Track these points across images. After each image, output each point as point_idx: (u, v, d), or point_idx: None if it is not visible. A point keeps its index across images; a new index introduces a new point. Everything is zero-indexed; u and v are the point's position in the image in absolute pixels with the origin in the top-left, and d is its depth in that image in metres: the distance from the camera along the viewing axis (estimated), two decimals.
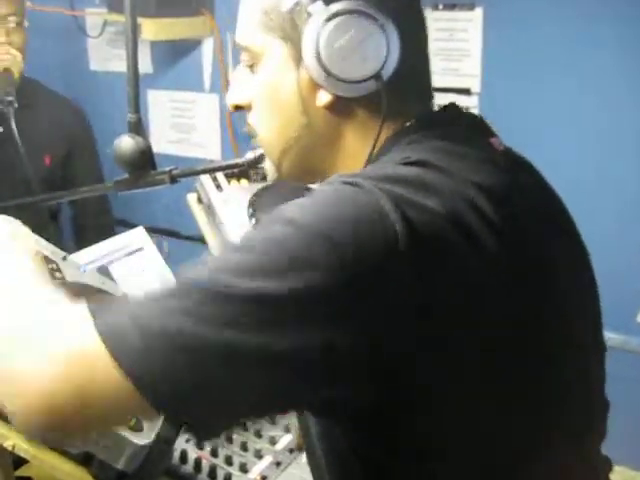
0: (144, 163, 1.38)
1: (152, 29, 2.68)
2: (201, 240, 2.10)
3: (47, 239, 1.49)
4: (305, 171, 1.14)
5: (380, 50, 0.97)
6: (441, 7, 2.46)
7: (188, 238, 3.05)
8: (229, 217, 1.92)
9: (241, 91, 1.12)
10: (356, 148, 1.05)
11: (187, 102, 3.11)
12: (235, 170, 1.97)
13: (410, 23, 1.04)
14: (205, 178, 1.96)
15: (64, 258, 1.53)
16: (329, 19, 0.96)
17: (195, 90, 3.08)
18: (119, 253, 2.00)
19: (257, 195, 1.98)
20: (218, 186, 1.98)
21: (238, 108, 1.13)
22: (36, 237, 1.52)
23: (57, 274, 1.47)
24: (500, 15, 2.38)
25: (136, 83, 1.35)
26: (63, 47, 3.28)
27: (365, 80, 0.98)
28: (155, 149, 3.23)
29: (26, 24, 2.41)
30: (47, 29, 3.16)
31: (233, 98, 1.13)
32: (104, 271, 1.90)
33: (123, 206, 3.09)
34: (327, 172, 1.06)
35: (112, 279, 1.91)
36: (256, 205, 1.95)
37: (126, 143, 1.36)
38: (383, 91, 0.99)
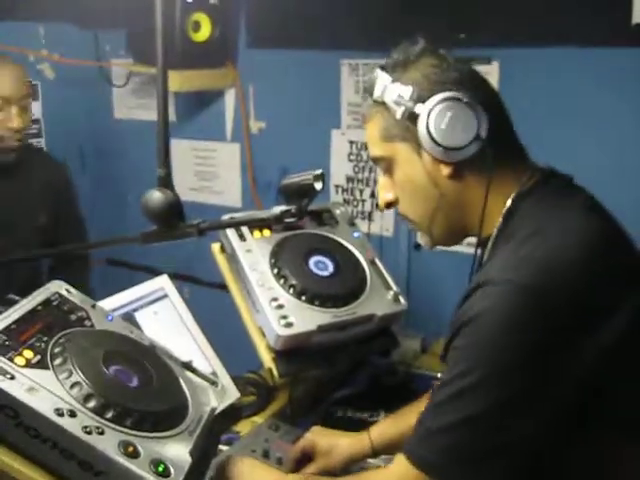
0: (173, 216, 1.43)
1: (177, 80, 2.75)
2: (222, 287, 2.14)
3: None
4: (451, 233, 1.42)
5: (472, 121, 1.28)
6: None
7: (208, 285, 3.09)
8: (251, 266, 1.97)
9: (387, 192, 1.44)
10: (489, 206, 1.32)
11: (209, 151, 3.18)
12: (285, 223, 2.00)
13: (487, 95, 1.34)
14: (229, 229, 2.02)
15: (93, 306, 1.58)
16: (429, 112, 1.28)
17: (217, 139, 3.14)
18: (144, 300, 2.04)
19: (279, 246, 2.03)
20: (241, 236, 2.03)
21: (388, 206, 1.45)
22: (66, 286, 1.57)
23: (86, 322, 1.51)
24: (515, 69, 2.43)
25: (166, 138, 1.41)
26: (90, 97, 3.36)
27: (469, 143, 1.28)
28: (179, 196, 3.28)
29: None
30: (74, 80, 3.26)
31: (384, 199, 1.45)
32: (129, 318, 1.94)
33: (145, 253, 3.15)
34: (468, 230, 1.39)
35: (138, 326, 1.95)
36: (278, 255, 2.00)
37: (156, 197, 1.41)
38: (487, 149, 1.28)
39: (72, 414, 1.24)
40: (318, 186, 1.42)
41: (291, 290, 1.94)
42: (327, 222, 2.18)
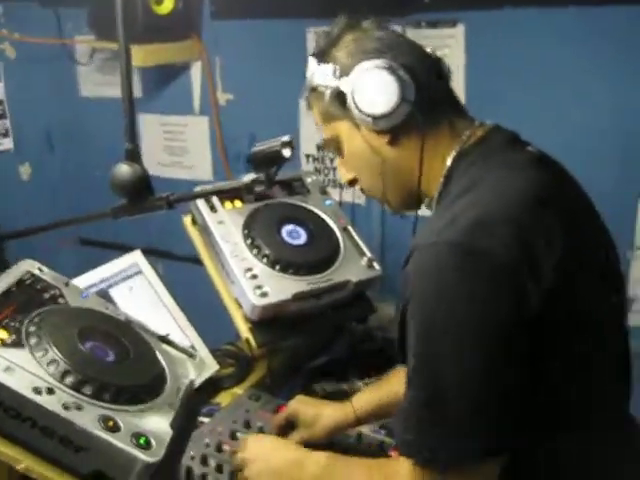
0: (142, 190, 1.42)
1: (140, 55, 2.72)
2: (196, 261, 2.14)
3: None
4: (405, 198, 1.42)
5: (394, 85, 1.27)
6: (424, 25, 2.51)
7: (182, 259, 3.08)
8: (224, 237, 1.96)
9: (344, 172, 1.47)
10: (429, 166, 1.33)
11: (178, 125, 3.16)
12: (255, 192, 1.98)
13: (412, 58, 1.33)
14: (200, 200, 2.01)
15: (66, 284, 1.57)
16: (352, 85, 1.30)
17: (185, 113, 3.12)
18: (118, 277, 2.04)
19: (251, 216, 2.03)
20: (212, 208, 2.02)
21: (351, 183, 1.47)
22: (38, 264, 1.57)
23: (60, 300, 1.51)
24: (482, 31, 2.43)
25: (132, 112, 1.41)
26: (53, 75, 3.32)
27: (395, 108, 1.27)
28: (149, 171, 3.27)
29: None
30: (37, 59, 3.21)
31: (344, 179, 1.48)
32: (104, 295, 1.94)
33: (117, 229, 3.13)
34: (421, 193, 1.37)
35: (113, 302, 1.95)
36: (250, 225, 1.99)
37: (124, 171, 1.40)
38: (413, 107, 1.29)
39: (50, 391, 1.25)
40: (286, 153, 1.42)
41: (265, 260, 1.94)
42: (298, 191, 2.18)
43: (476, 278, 1.12)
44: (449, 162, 1.31)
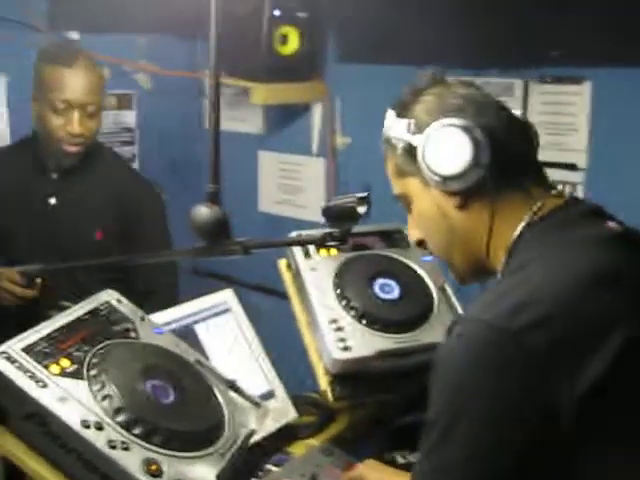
0: (220, 232, 1.41)
1: (262, 94, 2.75)
2: None
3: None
4: (472, 268, 1.33)
5: (468, 147, 1.20)
6: (549, 80, 2.42)
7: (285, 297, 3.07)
8: (314, 284, 1.93)
9: (414, 232, 1.40)
10: (498, 236, 1.24)
11: (294, 164, 3.17)
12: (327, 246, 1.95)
13: (493, 119, 1.25)
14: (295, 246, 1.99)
15: (142, 318, 1.57)
16: (425, 142, 1.23)
17: (303, 153, 3.13)
18: (206, 313, 2.03)
19: (344, 265, 1.98)
20: (307, 254, 1.99)
21: (420, 244, 1.40)
22: (118, 296, 1.58)
23: (131, 334, 1.51)
24: (608, 89, 2.31)
25: (217, 154, 1.40)
26: (182, 107, 3.42)
27: (466, 171, 1.20)
28: (263, 208, 3.31)
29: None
30: (169, 91, 3.32)
31: (412, 238, 1.42)
32: (189, 331, 1.93)
33: (233, 263, 3.16)
34: (489, 262, 1.27)
35: (197, 339, 1.94)
36: (342, 275, 1.95)
37: (203, 213, 1.39)
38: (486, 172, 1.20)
39: (99, 427, 1.24)
40: (361, 210, 1.37)
41: (352, 312, 1.88)
42: (398, 243, 2.12)
43: (504, 372, 1.04)
44: (516, 233, 1.22)
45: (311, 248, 2.00)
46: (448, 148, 1.21)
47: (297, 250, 1.99)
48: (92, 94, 2.35)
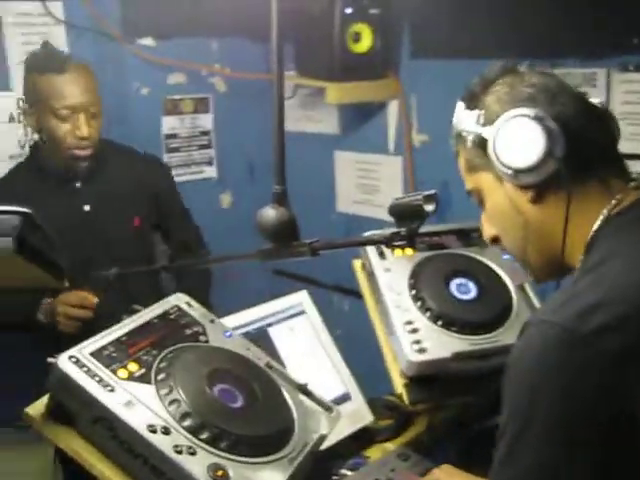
0: (286, 234, 1.38)
1: (336, 93, 2.73)
2: None
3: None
4: (547, 265, 1.28)
5: (542, 138, 1.14)
6: (631, 68, 2.31)
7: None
8: (389, 286, 1.89)
9: (487, 228, 1.36)
10: (575, 231, 1.18)
11: (371, 163, 3.13)
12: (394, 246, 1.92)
13: (568, 108, 1.19)
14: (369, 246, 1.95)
15: (212, 321, 1.57)
16: (496, 134, 1.18)
17: (379, 152, 3.09)
18: (280, 315, 2.01)
19: (420, 265, 1.94)
20: (381, 254, 1.95)
21: (494, 241, 1.36)
22: (187, 299, 1.57)
23: (201, 337, 1.50)
24: None
25: (282, 155, 1.38)
26: (258, 109, 3.41)
27: (540, 163, 1.14)
28: (341, 208, 3.28)
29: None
30: (244, 93, 3.32)
31: (486, 236, 1.38)
32: (263, 333, 1.92)
33: (312, 263, 3.14)
34: (566, 258, 1.21)
35: (270, 342, 1.93)
36: (417, 276, 1.90)
37: (270, 214, 1.37)
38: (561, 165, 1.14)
39: (165, 431, 1.23)
40: (429, 208, 1.32)
41: (428, 313, 1.83)
42: (475, 242, 2.05)
43: (577, 374, 0.99)
44: (594, 228, 1.15)
45: (385, 248, 1.96)
46: (520, 139, 1.16)
47: (371, 250, 1.96)
48: (91, 95, 2.38)
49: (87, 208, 2.47)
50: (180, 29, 3.06)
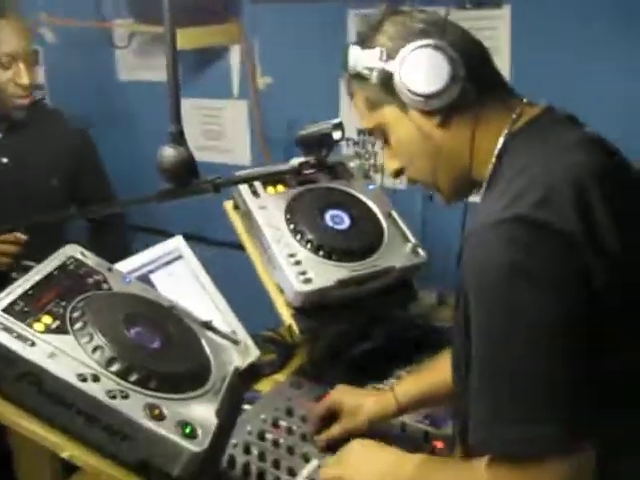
0: (187, 173, 1.39)
1: (180, 38, 2.68)
2: (236, 246, 2.11)
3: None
4: (458, 184, 1.37)
5: (445, 63, 1.24)
6: (468, 6, 2.45)
7: (222, 244, 3.06)
8: (267, 222, 1.93)
9: (392, 162, 1.43)
10: (480, 148, 1.28)
11: (216, 109, 3.13)
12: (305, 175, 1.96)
13: (457, 37, 1.30)
14: (242, 185, 1.98)
15: (109, 269, 1.55)
16: (401, 66, 1.26)
17: (223, 97, 3.09)
18: (159, 262, 2.02)
19: (294, 200, 1.99)
20: (255, 192, 1.99)
21: (397, 174, 1.43)
22: (81, 249, 1.55)
23: (104, 285, 1.49)
24: (528, 12, 2.37)
25: (177, 94, 1.37)
26: (92, 59, 3.30)
27: (447, 86, 1.24)
28: None
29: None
30: (76, 43, 3.20)
31: (390, 169, 1.44)
32: (145, 280, 1.92)
33: (156, 216, 3.12)
34: (473, 175, 1.32)
35: (154, 287, 1.93)
36: (293, 210, 1.96)
37: (169, 154, 1.37)
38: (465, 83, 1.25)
39: (95, 379, 1.22)
40: (337, 135, 1.38)
41: (308, 245, 1.90)
42: (341, 175, 2.14)
43: (548, 257, 1.08)
44: (500, 142, 1.26)
45: (258, 187, 2.00)
46: (425, 68, 1.25)
47: (245, 190, 1.99)
48: (30, 42, 2.33)
49: (5, 160, 2.41)
50: None
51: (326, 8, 2.69)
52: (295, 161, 1.37)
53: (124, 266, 1.87)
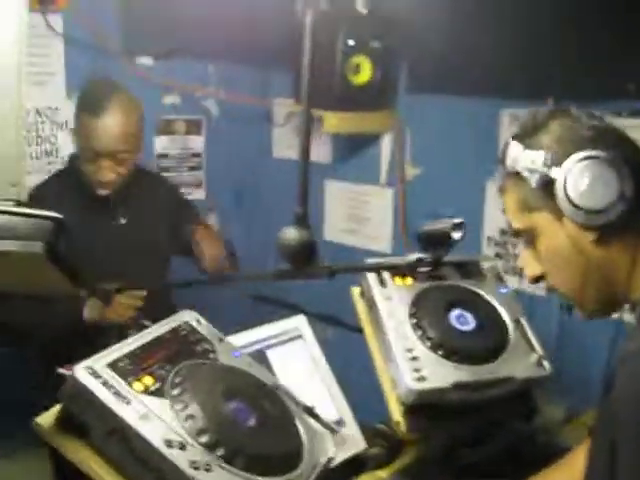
0: (307, 255, 1.39)
1: (334, 122, 2.75)
2: (362, 331, 2.08)
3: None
4: (604, 303, 1.31)
5: (614, 179, 1.19)
6: (624, 114, 2.37)
7: (353, 328, 3.03)
8: (389, 313, 1.90)
9: (533, 267, 1.35)
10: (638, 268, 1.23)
11: (363, 194, 3.15)
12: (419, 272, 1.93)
13: (628, 151, 1.23)
14: (370, 273, 1.96)
15: (220, 340, 1.56)
16: (566, 175, 1.21)
17: (371, 183, 3.11)
18: (278, 339, 2.01)
19: (420, 295, 1.95)
20: (382, 282, 1.96)
21: (537, 280, 1.36)
22: (197, 316, 1.57)
23: (211, 355, 1.50)
24: None
25: (305, 176, 1.39)
26: (251, 134, 3.43)
27: (613, 204, 1.19)
28: (329, 237, 3.30)
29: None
30: (238, 117, 3.34)
31: (531, 275, 1.37)
32: (261, 355, 1.92)
33: (290, 289, 3.14)
34: (621, 298, 1.27)
35: (268, 364, 1.92)
36: (418, 305, 1.92)
37: (291, 235, 1.38)
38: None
39: (182, 447, 1.22)
40: (456, 235, 1.34)
41: (428, 342, 1.85)
42: (473, 275, 2.08)
43: None
44: None
45: (386, 277, 1.97)
46: (593, 181, 1.19)
47: (372, 278, 1.97)
48: (122, 141, 2.35)
49: (122, 221, 2.51)
50: (178, 50, 3.07)
51: (480, 103, 2.67)
52: (413, 256, 1.34)
53: (242, 338, 1.88)
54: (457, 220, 1.36)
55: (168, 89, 3.16)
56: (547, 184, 1.24)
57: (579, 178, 1.20)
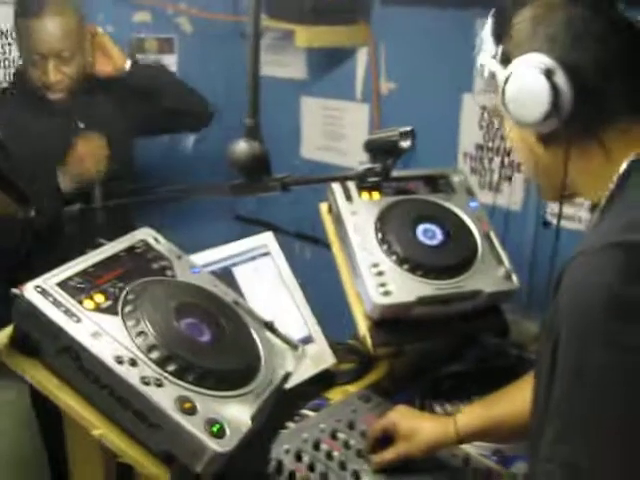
0: (259, 169, 1.37)
1: (306, 36, 2.69)
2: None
3: None
4: (557, 192, 1.24)
5: (546, 95, 1.10)
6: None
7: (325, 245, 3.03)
8: (355, 228, 1.89)
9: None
10: (592, 169, 1.17)
11: (338, 110, 3.10)
12: (368, 182, 1.91)
13: (586, 49, 1.11)
14: (337, 188, 1.94)
15: (179, 257, 1.55)
16: (506, 80, 1.15)
17: (347, 98, 3.06)
18: (245, 256, 2.00)
19: (387, 209, 1.94)
20: (349, 197, 1.95)
21: None
22: (154, 234, 1.55)
23: (168, 272, 1.49)
24: None
25: (256, 88, 1.35)
26: (224, 51, 3.35)
27: (542, 120, 1.12)
28: (305, 154, 3.26)
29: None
30: (211, 34, 3.26)
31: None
32: (227, 272, 1.91)
33: (274, 211, 3.13)
34: (575, 190, 1.23)
35: (235, 281, 1.92)
36: (384, 219, 1.90)
37: (242, 148, 1.35)
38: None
39: (133, 363, 1.22)
40: (404, 144, 1.31)
41: (394, 257, 1.84)
42: (442, 189, 2.06)
43: None
44: (623, 168, 1.12)
45: (353, 192, 1.95)
46: (526, 93, 1.13)
47: (339, 193, 1.95)
48: (64, 40, 2.36)
49: (81, 125, 2.50)
50: None
51: (456, 15, 2.60)
52: (360, 167, 1.32)
53: (208, 256, 1.87)
54: (405, 129, 1.33)
55: (139, 7, 3.08)
56: (494, 80, 1.19)
57: (514, 85, 1.14)
